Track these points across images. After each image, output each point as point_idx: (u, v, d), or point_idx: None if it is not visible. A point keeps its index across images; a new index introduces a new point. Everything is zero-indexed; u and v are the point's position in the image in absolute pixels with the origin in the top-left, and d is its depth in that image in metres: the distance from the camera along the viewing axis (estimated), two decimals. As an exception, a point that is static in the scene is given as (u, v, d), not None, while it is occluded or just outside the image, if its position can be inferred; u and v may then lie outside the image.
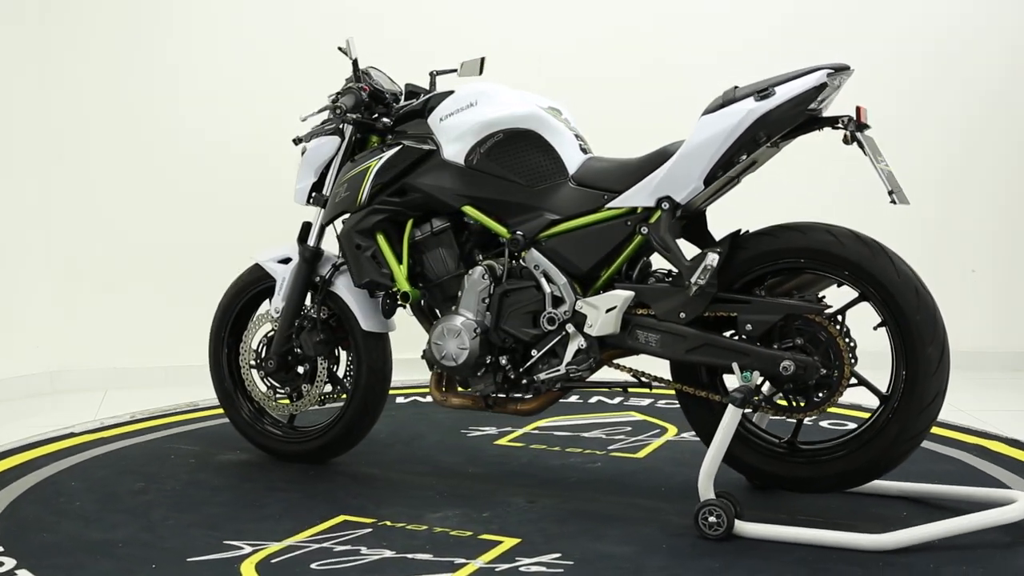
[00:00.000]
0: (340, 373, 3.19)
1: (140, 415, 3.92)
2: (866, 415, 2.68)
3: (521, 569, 2.36)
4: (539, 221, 2.81)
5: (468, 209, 2.87)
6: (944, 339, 2.57)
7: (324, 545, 2.51)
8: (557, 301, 2.79)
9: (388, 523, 2.66)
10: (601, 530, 2.61)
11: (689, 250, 2.74)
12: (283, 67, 4.58)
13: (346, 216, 3.08)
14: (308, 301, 3.16)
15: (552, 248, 2.80)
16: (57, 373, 4.54)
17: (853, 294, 2.64)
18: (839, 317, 2.62)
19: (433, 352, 2.90)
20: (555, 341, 2.80)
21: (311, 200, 3.15)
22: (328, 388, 3.17)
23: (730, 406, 2.56)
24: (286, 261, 3.17)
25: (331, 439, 3.15)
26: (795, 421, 2.72)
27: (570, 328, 2.77)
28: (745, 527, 2.52)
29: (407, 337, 3.29)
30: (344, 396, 3.17)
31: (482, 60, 3.00)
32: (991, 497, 2.71)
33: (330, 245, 3.18)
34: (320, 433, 3.18)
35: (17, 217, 4.44)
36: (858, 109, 2.54)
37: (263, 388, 3.23)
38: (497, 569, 2.36)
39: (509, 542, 2.53)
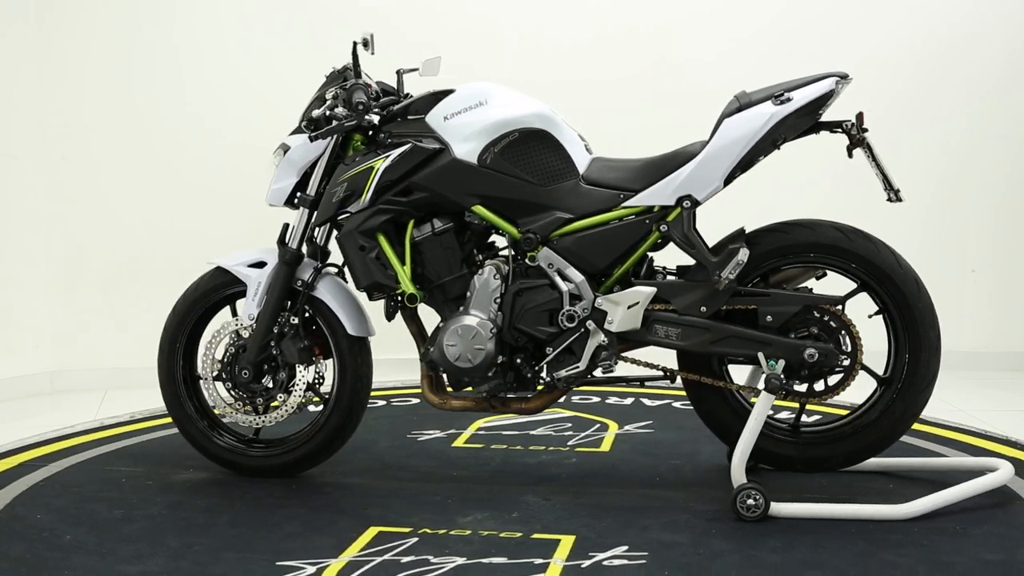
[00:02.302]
0: (309, 380, 3.06)
1: (140, 415, 3.92)
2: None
3: (604, 563, 2.39)
4: (552, 220, 2.85)
5: (478, 209, 2.87)
6: (939, 325, 2.85)
7: (386, 558, 2.43)
8: (573, 299, 2.84)
9: (427, 530, 2.60)
10: (641, 521, 2.67)
11: (679, 250, 2.87)
12: (287, 61, 4.57)
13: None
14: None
15: (567, 246, 2.84)
16: (57, 373, 4.54)
17: (830, 286, 2.88)
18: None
19: (445, 353, 2.85)
20: (572, 339, 2.84)
21: (295, 201, 3.03)
22: (303, 397, 3.04)
23: (763, 393, 2.71)
24: (258, 265, 3.03)
25: (311, 449, 3.04)
26: (795, 407, 2.92)
27: (590, 325, 2.83)
28: (780, 507, 2.66)
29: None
30: (316, 400, 3.07)
31: (439, 59, 2.99)
32: (972, 465, 3.01)
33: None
34: (298, 444, 3.06)
35: (18, 217, 4.43)
36: (860, 115, 2.77)
37: (231, 401, 3.06)
38: (583, 565, 2.38)
39: (567, 539, 2.54)
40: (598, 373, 2.91)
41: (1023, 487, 2.89)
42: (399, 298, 2.96)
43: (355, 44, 3.00)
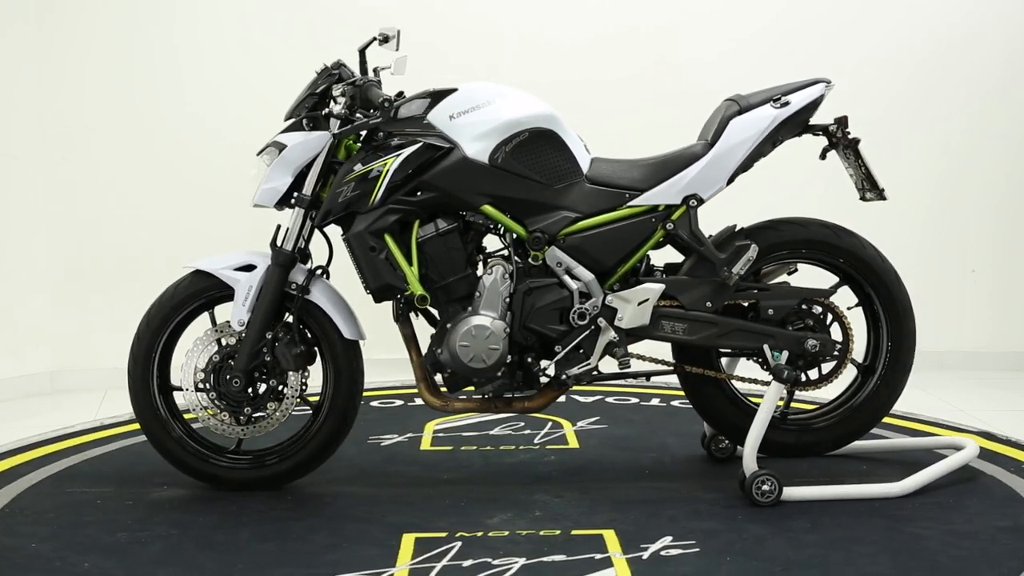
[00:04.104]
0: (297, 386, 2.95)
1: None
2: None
3: (663, 554, 2.48)
4: (560, 219, 2.88)
5: (488, 208, 2.87)
6: (914, 316, 3.07)
7: (445, 563, 2.42)
8: (583, 297, 2.89)
9: (464, 534, 2.61)
10: (664, 512, 2.76)
11: (669, 251, 3.01)
12: (286, 61, 4.55)
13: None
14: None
15: (575, 245, 2.88)
16: (57, 373, 4.53)
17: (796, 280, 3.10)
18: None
19: (458, 354, 2.83)
20: (582, 336, 2.88)
21: (292, 202, 2.92)
22: (290, 405, 2.93)
23: (774, 383, 2.86)
24: (246, 268, 2.92)
25: (304, 458, 2.95)
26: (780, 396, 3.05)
27: (602, 322, 2.87)
28: (791, 491, 2.82)
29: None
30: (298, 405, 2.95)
31: (406, 58, 2.91)
32: (939, 444, 3.28)
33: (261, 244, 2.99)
34: (290, 453, 2.97)
35: (18, 217, 4.43)
36: (845, 118, 2.94)
37: (215, 412, 2.92)
38: (643, 557, 2.46)
39: (607, 534, 2.60)
40: (614, 368, 2.97)
41: (982, 464, 3.14)
42: (405, 300, 2.92)
43: (374, 39, 2.92)
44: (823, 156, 3.01)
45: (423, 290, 2.85)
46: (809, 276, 3.13)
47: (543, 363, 2.93)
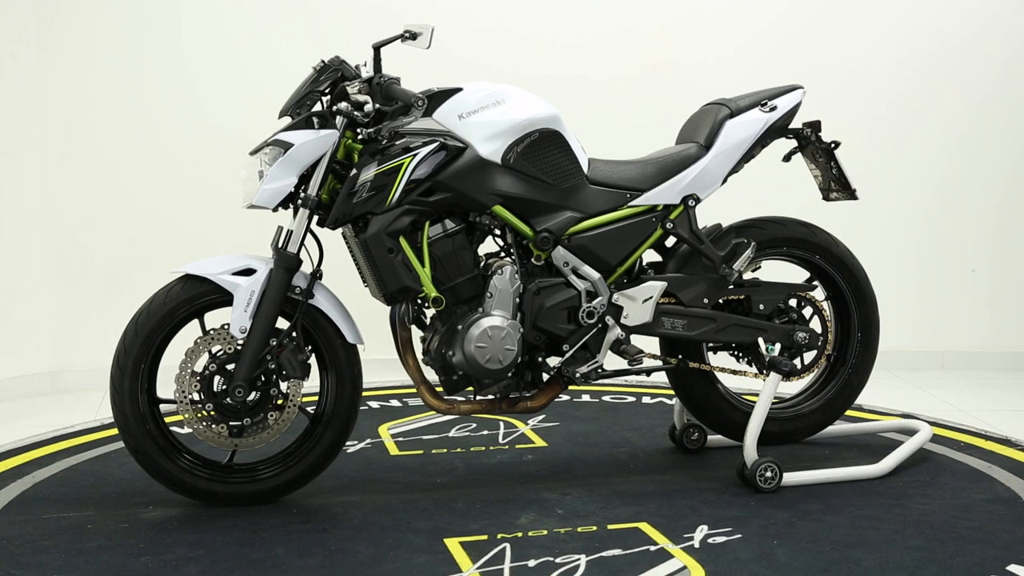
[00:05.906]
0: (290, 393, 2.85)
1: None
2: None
3: (710, 542, 2.55)
4: (565, 219, 2.91)
5: (499, 209, 2.85)
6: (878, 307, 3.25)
7: (510, 565, 2.41)
8: (590, 296, 2.93)
9: (505, 535, 2.60)
10: (680, 503, 2.83)
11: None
12: (291, 59, 4.54)
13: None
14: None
15: (580, 245, 2.92)
16: (57, 373, 4.53)
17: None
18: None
19: (474, 356, 2.80)
20: (590, 335, 2.93)
21: (298, 203, 2.81)
22: (292, 414, 2.83)
23: (772, 374, 2.97)
24: (245, 273, 2.78)
25: (304, 469, 2.86)
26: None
27: (609, 320, 2.93)
28: (790, 476, 2.95)
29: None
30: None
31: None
32: (888, 427, 3.48)
33: (262, 248, 2.94)
34: (288, 465, 2.86)
35: (18, 217, 4.43)
36: (818, 122, 3.09)
37: (211, 422, 2.78)
38: (695, 546, 2.52)
39: (643, 526, 2.66)
40: (623, 366, 3.03)
41: (928, 445, 3.33)
42: (416, 303, 2.90)
43: (401, 36, 2.85)
44: (787, 159, 3.15)
45: (437, 291, 2.81)
46: (771, 272, 3.22)
47: (551, 362, 2.94)
